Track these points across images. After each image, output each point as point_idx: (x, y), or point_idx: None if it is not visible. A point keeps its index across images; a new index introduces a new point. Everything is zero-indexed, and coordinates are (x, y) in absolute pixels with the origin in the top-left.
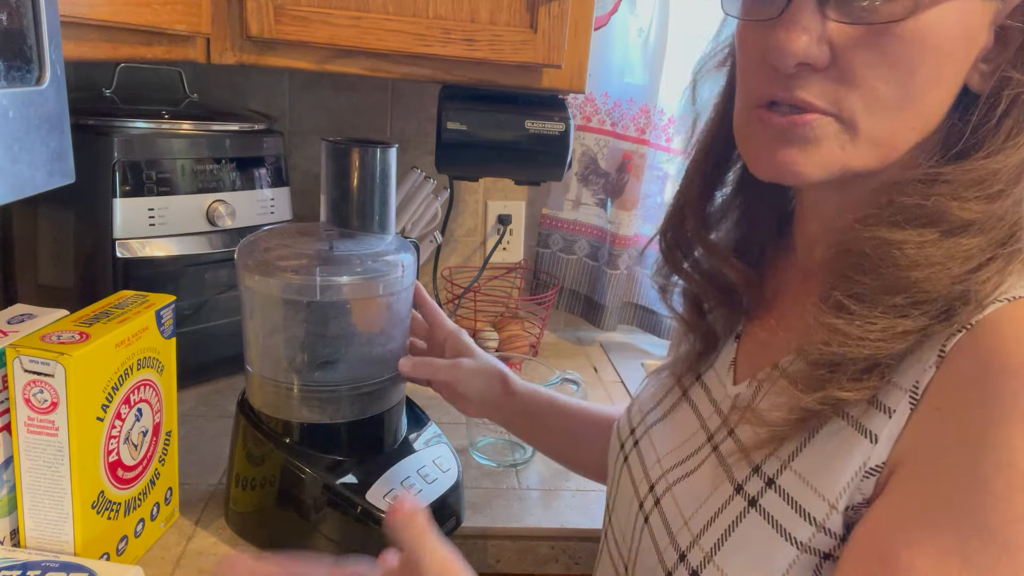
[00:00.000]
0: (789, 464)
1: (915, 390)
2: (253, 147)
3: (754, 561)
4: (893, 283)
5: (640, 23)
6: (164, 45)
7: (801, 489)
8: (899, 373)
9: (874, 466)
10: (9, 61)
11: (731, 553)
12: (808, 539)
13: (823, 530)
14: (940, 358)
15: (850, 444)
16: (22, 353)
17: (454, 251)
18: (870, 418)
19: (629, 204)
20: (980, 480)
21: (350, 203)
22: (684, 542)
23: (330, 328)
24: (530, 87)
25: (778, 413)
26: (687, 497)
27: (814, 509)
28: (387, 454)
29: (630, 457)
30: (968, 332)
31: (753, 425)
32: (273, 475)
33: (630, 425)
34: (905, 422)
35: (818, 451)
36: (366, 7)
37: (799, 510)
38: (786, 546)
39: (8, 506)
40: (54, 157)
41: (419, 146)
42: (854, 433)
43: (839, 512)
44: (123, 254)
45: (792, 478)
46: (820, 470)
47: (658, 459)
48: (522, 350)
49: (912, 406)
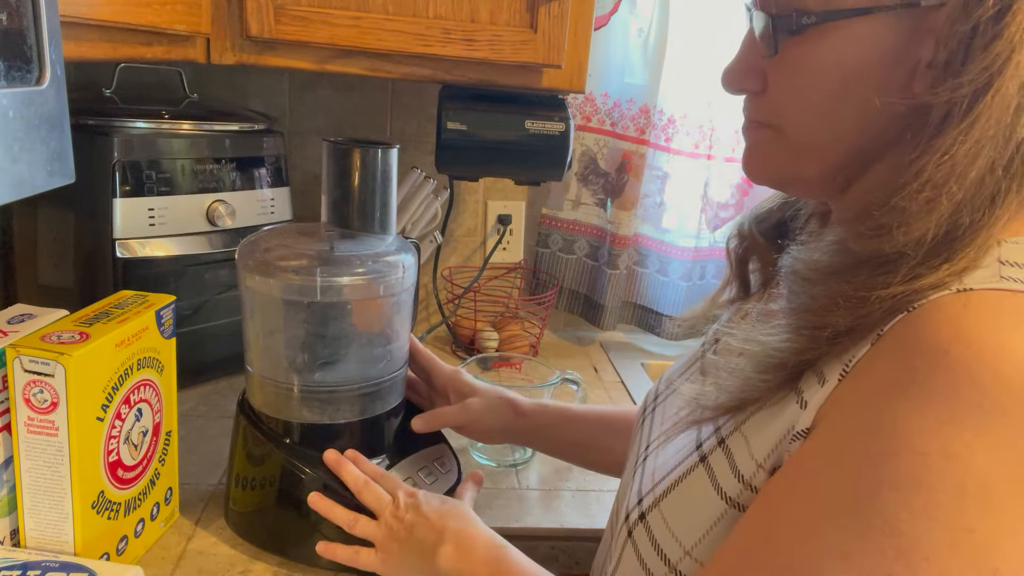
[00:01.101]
0: (740, 427)
1: (848, 363)
2: (253, 147)
3: (690, 510)
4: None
5: (640, 23)
6: (164, 45)
7: (741, 448)
8: (846, 349)
9: (800, 430)
10: (9, 61)
11: (674, 501)
12: (736, 495)
13: (750, 487)
14: (879, 336)
15: (785, 409)
16: (22, 353)
17: (454, 251)
18: (809, 386)
19: (629, 204)
20: (858, 443)
21: (351, 203)
22: (646, 488)
23: (330, 329)
24: (530, 87)
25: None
26: (664, 453)
27: (744, 467)
28: (387, 454)
29: (646, 420)
30: (907, 315)
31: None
32: (273, 475)
33: (655, 391)
34: (831, 392)
35: (762, 415)
36: (366, 7)
37: (733, 467)
38: (717, 499)
39: (8, 506)
40: (54, 157)
41: (419, 146)
42: (792, 398)
43: (765, 471)
44: (123, 254)
45: (738, 438)
46: (758, 432)
47: (661, 422)
48: (522, 350)
49: (841, 377)
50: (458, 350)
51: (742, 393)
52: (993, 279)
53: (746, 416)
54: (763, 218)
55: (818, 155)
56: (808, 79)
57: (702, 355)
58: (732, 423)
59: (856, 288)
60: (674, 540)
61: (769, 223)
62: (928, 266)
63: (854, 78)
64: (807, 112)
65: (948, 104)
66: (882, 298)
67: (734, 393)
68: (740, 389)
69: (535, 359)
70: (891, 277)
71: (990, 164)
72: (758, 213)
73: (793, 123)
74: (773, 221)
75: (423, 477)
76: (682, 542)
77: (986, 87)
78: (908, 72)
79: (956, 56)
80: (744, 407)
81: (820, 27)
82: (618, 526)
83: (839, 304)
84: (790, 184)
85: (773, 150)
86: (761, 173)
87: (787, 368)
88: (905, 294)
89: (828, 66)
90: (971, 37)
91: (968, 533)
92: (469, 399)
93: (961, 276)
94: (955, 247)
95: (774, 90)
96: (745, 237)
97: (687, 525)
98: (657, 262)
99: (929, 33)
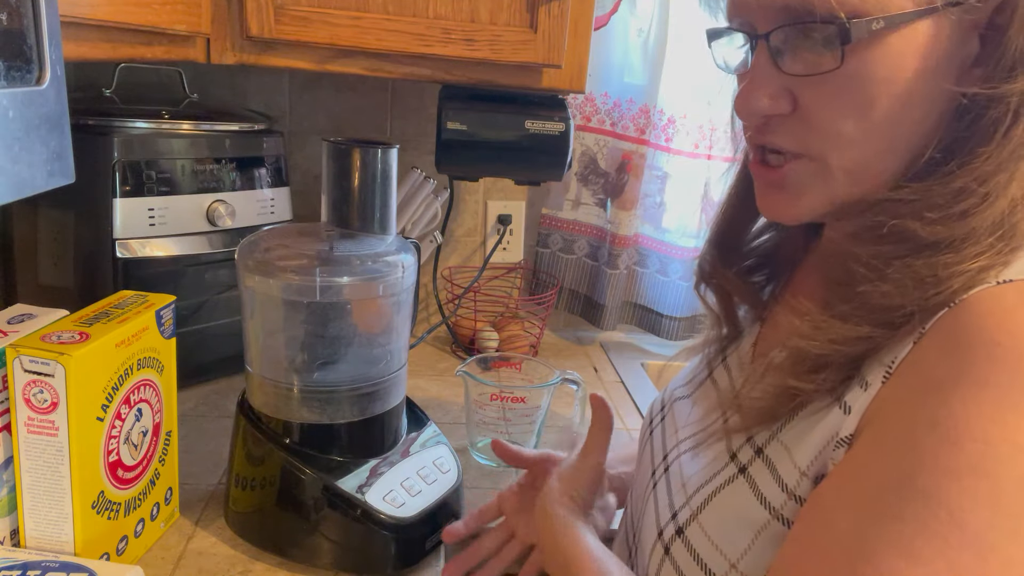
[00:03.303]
0: (777, 435)
1: (891, 365)
2: (253, 147)
3: (731, 522)
4: (843, 294)
5: (640, 23)
6: (164, 45)
7: (782, 457)
8: (886, 351)
9: (844, 437)
10: (9, 61)
11: (713, 513)
12: (780, 505)
13: (794, 497)
14: (921, 335)
15: (827, 416)
16: (22, 353)
17: (454, 251)
18: (851, 392)
19: (629, 204)
20: (913, 438)
21: (351, 203)
22: (679, 502)
23: (330, 329)
24: (530, 87)
25: (757, 396)
26: (691, 464)
27: (788, 476)
28: (387, 454)
29: (654, 432)
30: (950, 310)
31: (742, 403)
32: (273, 475)
33: (661, 402)
34: (875, 395)
35: (802, 423)
36: (366, 7)
37: (776, 477)
38: (760, 510)
39: (8, 506)
40: (54, 157)
41: (419, 146)
42: (833, 405)
43: (809, 480)
44: (123, 254)
45: (777, 447)
46: (800, 440)
47: (676, 431)
48: (522, 350)
49: (885, 379)
50: (458, 350)
51: (791, 394)
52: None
53: (782, 424)
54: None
55: (872, 173)
56: (867, 90)
57: (708, 370)
58: (767, 432)
59: (928, 268)
60: (718, 553)
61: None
62: (989, 246)
63: (916, 82)
64: (859, 127)
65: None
66: (953, 275)
67: (779, 396)
68: (790, 390)
69: (535, 359)
70: (957, 255)
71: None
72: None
73: (839, 144)
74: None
75: (423, 477)
76: (727, 555)
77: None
78: (957, 69)
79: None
80: (787, 412)
81: (879, 33)
82: (647, 544)
83: (908, 285)
84: (832, 212)
85: (813, 183)
86: (804, 210)
87: (842, 366)
88: (969, 272)
89: (891, 73)
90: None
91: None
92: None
93: (1004, 264)
94: (1014, 230)
95: (813, 109)
96: (715, 281)
97: (730, 537)
98: (657, 262)
99: (972, 29)
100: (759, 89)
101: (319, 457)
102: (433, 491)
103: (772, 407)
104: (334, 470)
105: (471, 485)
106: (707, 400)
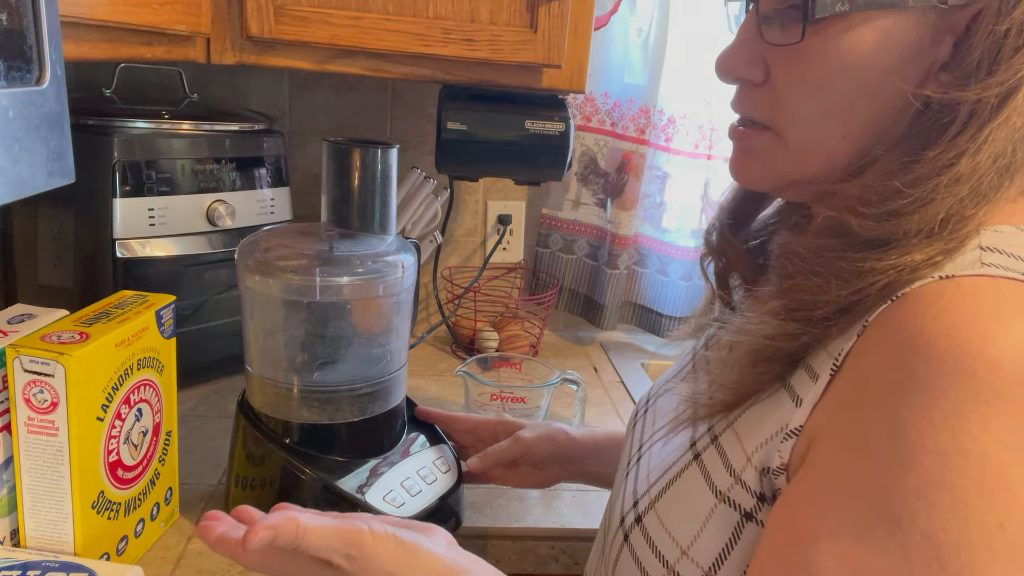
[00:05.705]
0: (732, 424)
1: (837, 358)
2: (253, 147)
3: (684, 509)
4: (779, 288)
5: (640, 23)
6: (164, 45)
7: (733, 444)
8: (832, 342)
9: (793, 428)
10: (9, 61)
11: (670, 501)
12: (727, 489)
13: (740, 482)
14: (864, 327)
15: (777, 405)
16: (22, 353)
17: (454, 251)
18: (801, 382)
19: (629, 204)
20: (874, 454)
21: (351, 203)
22: (641, 490)
23: (330, 328)
24: (530, 87)
25: (713, 387)
26: (657, 453)
27: (735, 460)
28: (387, 454)
29: (636, 424)
30: (891, 304)
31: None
32: (273, 475)
33: (647, 396)
34: (824, 389)
35: (756, 412)
36: (366, 7)
37: (726, 463)
38: (708, 494)
39: (8, 506)
40: (54, 157)
41: (419, 146)
42: (785, 396)
43: (754, 467)
44: (123, 254)
45: (730, 435)
46: (751, 429)
47: (654, 422)
48: (522, 350)
49: (832, 373)
50: (458, 350)
51: (736, 388)
52: (974, 265)
53: (739, 413)
54: (734, 217)
55: (822, 156)
56: (826, 70)
57: (692, 359)
58: (725, 421)
59: (850, 263)
60: (671, 540)
61: (741, 221)
62: (922, 246)
63: (875, 73)
64: (816, 107)
65: (976, 103)
66: (876, 271)
67: (728, 389)
68: (734, 384)
69: (535, 359)
70: (885, 254)
71: (1003, 159)
72: (727, 215)
73: (797, 120)
74: (744, 217)
75: (423, 477)
76: (679, 542)
77: (1015, 89)
78: (924, 71)
79: (986, 57)
80: (739, 403)
81: (847, 17)
82: (612, 531)
83: (832, 281)
84: (787, 189)
85: (771, 155)
86: (758, 178)
87: (778, 360)
88: (897, 269)
89: (851, 58)
90: (1003, 40)
91: (1000, 528)
92: (519, 431)
93: (945, 261)
94: (952, 232)
95: (779, 82)
96: (721, 251)
97: (682, 524)
98: (657, 262)
99: (948, 33)
100: (739, 51)
101: (319, 457)
102: (433, 491)
103: (723, 399)
104: (334, 470)
105: (471, 485)
106: (687, 386)
